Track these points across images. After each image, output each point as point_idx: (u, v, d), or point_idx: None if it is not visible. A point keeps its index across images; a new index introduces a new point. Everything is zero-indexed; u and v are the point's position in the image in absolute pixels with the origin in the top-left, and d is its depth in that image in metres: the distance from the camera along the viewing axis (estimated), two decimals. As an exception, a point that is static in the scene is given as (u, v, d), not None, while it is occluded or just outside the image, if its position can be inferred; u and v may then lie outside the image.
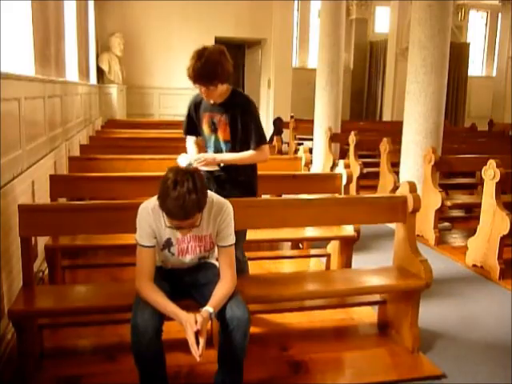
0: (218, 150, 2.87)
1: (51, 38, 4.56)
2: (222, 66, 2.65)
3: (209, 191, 2.31)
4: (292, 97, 11.11)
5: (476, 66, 15.25)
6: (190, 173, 2.07)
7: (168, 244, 2.30)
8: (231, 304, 2.19)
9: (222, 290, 2.22)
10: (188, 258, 2.36)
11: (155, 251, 2.28)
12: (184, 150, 3.08)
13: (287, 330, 3.07)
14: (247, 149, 2.82)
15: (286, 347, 2.85)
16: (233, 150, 2.83)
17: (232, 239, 2.30)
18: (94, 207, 2.67)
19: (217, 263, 2.39)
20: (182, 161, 2.74)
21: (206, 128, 2.89)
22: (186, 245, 2.32)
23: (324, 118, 8.05)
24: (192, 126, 2.98)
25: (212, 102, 2.78)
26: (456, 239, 5.13)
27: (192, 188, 2.00)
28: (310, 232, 3.79)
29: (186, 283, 2.41)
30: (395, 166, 5.92)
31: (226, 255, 2.30)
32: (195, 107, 2.93)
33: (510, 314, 3.41)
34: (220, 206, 2.27)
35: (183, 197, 1.99)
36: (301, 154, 4.49)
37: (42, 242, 3.38)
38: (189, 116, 2.98)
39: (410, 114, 5.36)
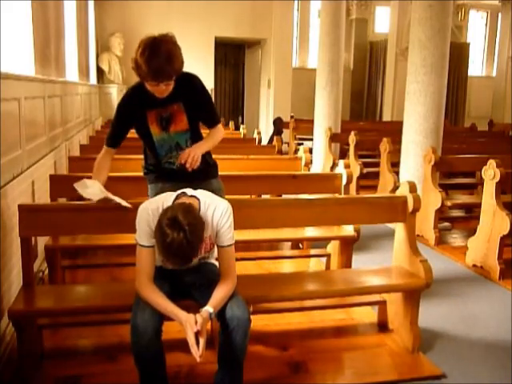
0: (175, 146, 2.56)
1: (51, 38, 4.56)
2: (179, 57, 2.43)
3: (209, 193, 2.31)
4: (292, 97, 11.11)
5: (476, 66, 15.25)
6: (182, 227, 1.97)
7: None
8: (231, 304, 2.19)
9: (222, 290, 2.21)
10: None
11: (155, 251, 2.27)
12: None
13: (287, 330, 3.07)
14: (199, 132, 2.60)
15: (286, 347, 2.85)
16: (193, 137, 2.57)
17: (232, 239, 2.29)
18: (94, 207, 2.66)
19: (217, 263, 2.39)
20: (92, 192, 2.42)
21: (154, 128, 2.51)
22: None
23: (324, 118, 8.05)
24: (122, 134, 2.61)
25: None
26: (456, 239, 5.13)
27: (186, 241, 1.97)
28: (310, 232, 3.79)
29: (186, 283, 2.40)
30: (395, 166, 5.92)
31: (226, 255, 2.29)
32: (132, 109, 2.51)
33: (510, 313, 3.41)
34: (220, 207, 2.26)
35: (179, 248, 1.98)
36: (301, 153, 4.49)
37: (42, 241, 3.38)
38: (121, 122, 2.57)
39: (410, 114, 5.36)
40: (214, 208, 2.25)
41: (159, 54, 2.30)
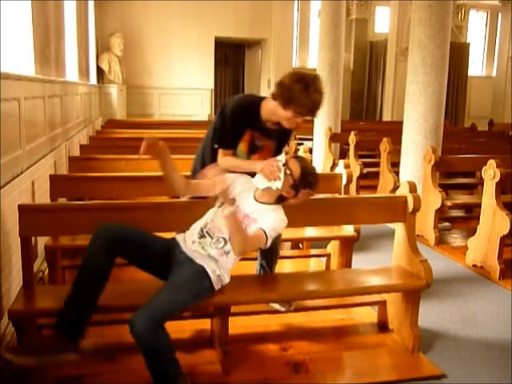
0: None
1: (51, 37, 4.56)
2: None
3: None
4: (292, 97, 11.09)
5: (476, 66, 15.23)
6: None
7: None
8: None
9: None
10: (220, 231, 2.38)
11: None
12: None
13: (287, 330, 3.07)
14: None
15: (286, 347, 2.85)
16: None
17: (262, 228, 2.33)
18: (94, 207, 2.67)
19: (220, 259, 2.38)
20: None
21: (242, 146, 2.65)
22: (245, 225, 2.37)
23: (324, 118, 8.04)
24: (238, 138, 2.64)
25: (268, 125, 2.61)
26: (456, 239, 5.13)
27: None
28: (310, 232, 3.79)
29: (174, 260, 2.37)
30: (395, 165, 5.92)
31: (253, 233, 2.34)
32: (244, 120, 2.60)
33: (510, 313, 3.41)
34: (275, 209, 2.43)
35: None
36: (301, 153, 4.49)
37: (42, 241, 3.38)
38: (237, 128, 2.62)
39: (410, 114, 5.36)
40: (275, 208, 2.44)
41: (320, 90, 2.45)
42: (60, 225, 2.60)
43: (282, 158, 2.48)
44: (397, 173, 5.82)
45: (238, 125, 2.61)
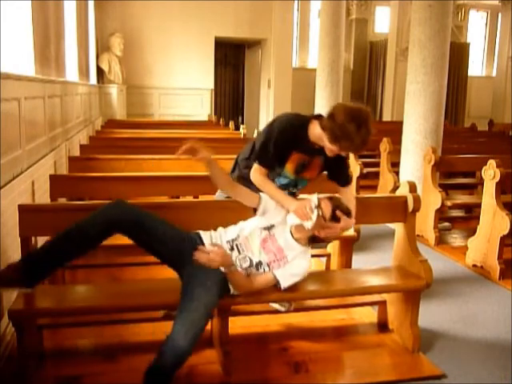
0: (291, 184, 2.73)
1: (51, 37, 4.56)
2: None
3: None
4: (292, 97, 11.11)
5: (476, 66, 15.23)
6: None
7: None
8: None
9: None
10: (250, 251, 2.45)
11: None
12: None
13: (287, 330, 3.07)
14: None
15: (286, 347, 2.85)
16: (309, 184, 2.79)
17: (275, 275, 2.46)
18: (94, 207, 2.66)
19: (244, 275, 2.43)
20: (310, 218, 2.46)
21: (289, 167, 2.64)
22: (270, 244, 2.46)
23: (324, 118, 8.04)
24: (277, 158, 2.61)
25: (315, 146, 2.58)
26: (456, 239, 5.13)
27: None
28: (310, 232, 3.78)
29: (190, 254, 2.33)
30: (395, 165, 5.92)
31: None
32: (288, 141, 2.57)
33: (510, 313, 3.41)
34: (304, 255, 2.51)
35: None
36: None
37: (42, 242, 3.36)
38: (283, 148, 2.59)
39: (410, 114, 5.36)
40: (302, 252, 2.52)
41: (370, 131, 2.41)
42: (60, 225, 2.59)
43: (314, 198, 2.50)
44: (397, 173, 5.82)
45: (283, 146, 2.58)
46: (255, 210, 2.58)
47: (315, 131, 2.53)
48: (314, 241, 2.54)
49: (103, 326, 2.90)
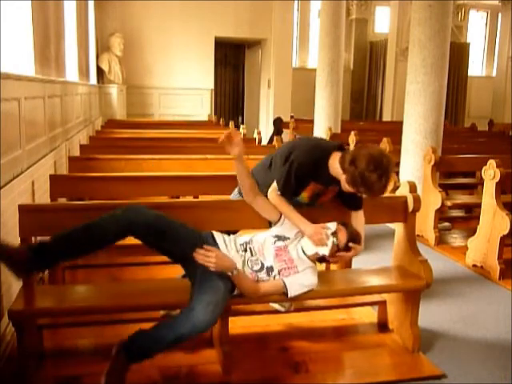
0: (299, 206, 2.72)
1: (51, 37, 4.56)
2: None
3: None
4: (292, 97, 11.11)
5: (476, 66, 15.24)
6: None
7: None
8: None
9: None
10: (263, 256, 2.50)
11: None
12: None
13: (287, 330, 3.07)
14: None
15: (286, 347, 2.85)
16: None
17: (284, 282, 2.49)
18: (94, 207, 2.67)
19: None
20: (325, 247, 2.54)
21: (305, 195, 2.70)
22: (283, 253, 2.53)
23: (324, 118, 8.05)
24: (296, 186, 2.64)
25: (333, 178, 2.60)
26: (456, 239, 5.13)
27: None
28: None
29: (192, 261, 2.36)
30: (395, 165, 5.89)
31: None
32: (308, 171, 2.59)
33: (510, 313, 3.41)
34: (312, 270, 2.57)
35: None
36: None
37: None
38: (303, 179, 2.62)
39: (410, 114, 5.36)
40: (308, 268, 2.55)
41: (389, 179, 2.43)
42: (60, 225, 2.59)
43: (332, 225, 2.57)
44: (397, 173, 5.81)
45: (304, 178, 2.61)
46: (270, 224, 2.66)
47: (335, 166, 2.53)
48: (321, 260, 2.65)
49: (103, 325, 2.90)
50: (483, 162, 4.26)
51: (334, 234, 2.54)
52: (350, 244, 2.56)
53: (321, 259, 2.63)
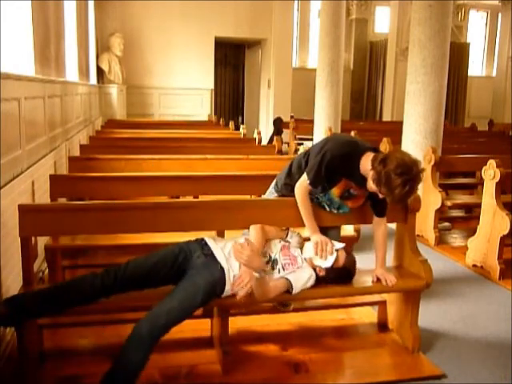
0: (335, 204, 2.78)
1: (51, 37, 4.56)
2: None
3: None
4: (292, 97, 11.11)
5: (476, 66, 15.24)
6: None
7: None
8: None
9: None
10: (270, 249, 2.60)
11: None
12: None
13: (287, 330, 3.07)
14: None
15: (286, 347, 2.85)
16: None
17: (289, 279, 2.54)
18: (94, 207, 2.67)
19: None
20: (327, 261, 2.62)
21: (335, 192, 2.71)
22: (287, 250, 2.61)
23: (324, 118, 8.05)
24: (325, 180, 2.64)
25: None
26: (456, 239, 5.13)
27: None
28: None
29: (187, 265, 2.40)
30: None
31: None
32: (340, 168, 2.59)
33: (510, 313, 3.41)
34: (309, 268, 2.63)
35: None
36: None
37: (42, 242, 3.37)
38: (334, 174, 2.62)
39: (410, 114, 5.36)
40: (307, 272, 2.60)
41: (415, 190, 2.43)
42: (60, 225, 2.60)
43: (338, 245, 2.65)
44: (397, 173, 5.81)
45: (335, 172, 2.61)
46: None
47: (366, 165, 2.53)
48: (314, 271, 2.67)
49: (103, 325, 2.90)
50: (483, 161, 4.26)
51: (337, 252, 2.62)
52: (344, 271, 2.66)
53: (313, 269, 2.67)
